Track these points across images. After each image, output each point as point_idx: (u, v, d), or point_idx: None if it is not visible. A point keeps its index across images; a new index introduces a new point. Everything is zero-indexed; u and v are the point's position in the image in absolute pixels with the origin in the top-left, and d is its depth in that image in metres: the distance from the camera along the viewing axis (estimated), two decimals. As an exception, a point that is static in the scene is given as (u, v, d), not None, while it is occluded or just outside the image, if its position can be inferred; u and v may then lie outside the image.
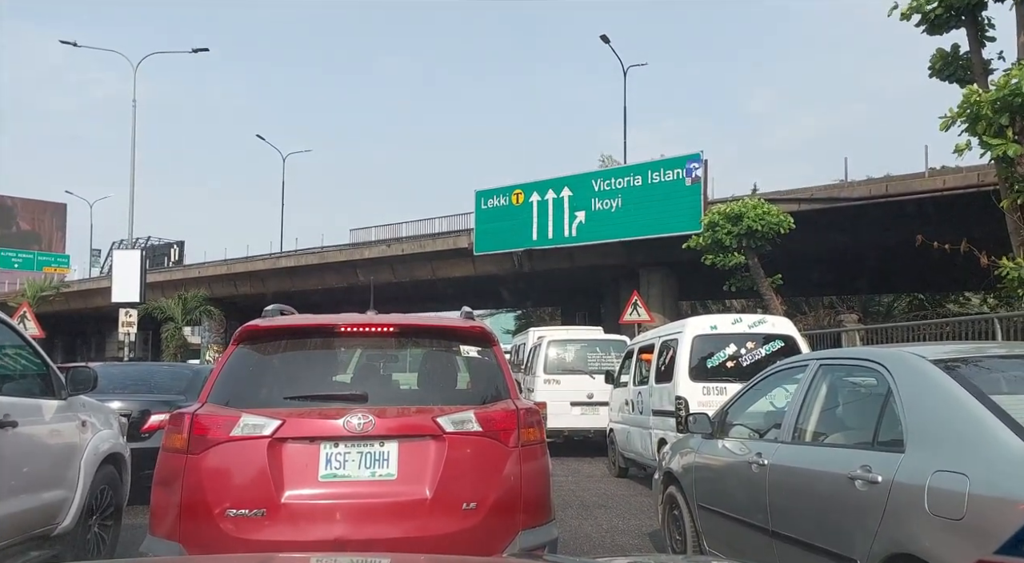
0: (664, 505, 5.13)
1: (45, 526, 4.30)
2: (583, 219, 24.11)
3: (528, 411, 3.60)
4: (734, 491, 4.17)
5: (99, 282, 38.41)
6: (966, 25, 11.45)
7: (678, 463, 4.95)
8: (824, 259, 22.92)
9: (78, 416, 4.72)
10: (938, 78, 11.93)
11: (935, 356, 3.16)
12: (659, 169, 22.79)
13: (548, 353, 12.39)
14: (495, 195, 26.49)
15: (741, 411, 4.51)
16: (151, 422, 6.90)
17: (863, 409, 3.60)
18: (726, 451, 4.35)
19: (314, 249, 34.06)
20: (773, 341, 8.13)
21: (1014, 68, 10.04)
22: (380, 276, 30.06)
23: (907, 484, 2.79)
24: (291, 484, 3.21)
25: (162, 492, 3.34)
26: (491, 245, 26.33)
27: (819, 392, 3.76)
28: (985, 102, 9.86)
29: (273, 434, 3.25)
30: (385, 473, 3.28)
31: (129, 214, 26.25)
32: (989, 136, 10.00)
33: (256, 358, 3.72)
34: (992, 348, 4.06)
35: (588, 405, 11.88)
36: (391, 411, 3.45)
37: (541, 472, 3.56)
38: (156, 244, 48.30)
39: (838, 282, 29.32)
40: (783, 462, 3.68)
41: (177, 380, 8.26)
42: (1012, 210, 10.53)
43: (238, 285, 35.53)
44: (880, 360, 3.34)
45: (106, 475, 4.97)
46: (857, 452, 3.21)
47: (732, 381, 7.58)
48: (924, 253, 11.48)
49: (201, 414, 3.36)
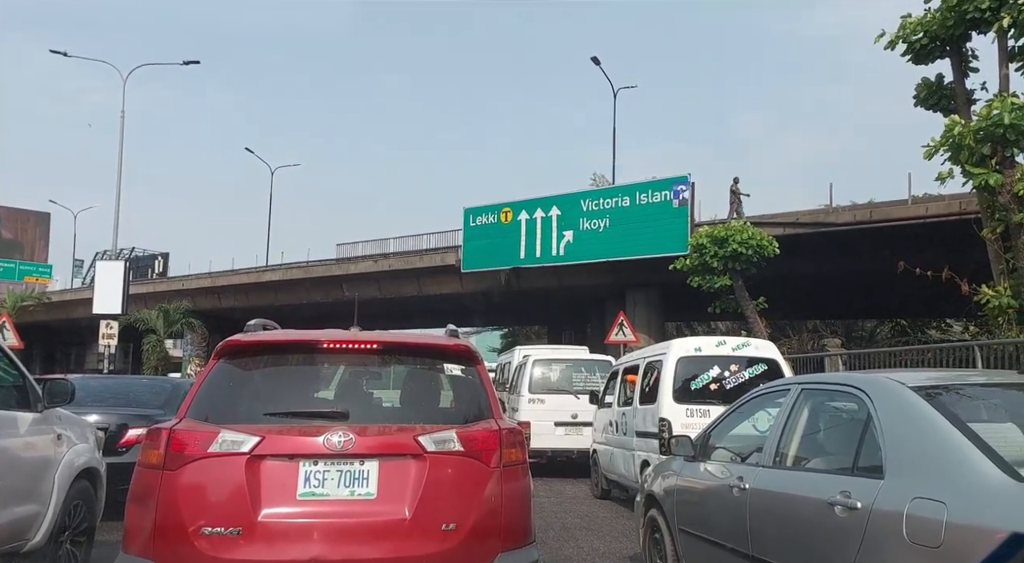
0: (645, 528, 5.10)
1: (15, 542, 4.21)
2: (571, 238, 24.20)
3: (510, 431, 3.57)
4: (715, 515, 4.15)
5: (81, 293, 38.02)
6: (950, 55, 11.67)
7: (660, 486, 4.93)
8: (808, 283, 23.09)
9: (53, 429, 4.65)
10: (923, 107, 12.14)
11: (915, 383, 3.18)
12: (647, 190, 22.95)
13: (533, 372, 12.35)
14: (483, 213, 26.56)
15: (723, 434, 4.51)
16: (128, 436, 6.80)
17: (844, 434, 3.60)
18: (708, 474, 4.34)
19: (300, 263, 33.92)
20: (756, 364, 8.16)
21: (996, 99, 10.23)
22: (366, 292, 29.95)
23: (886, 511, 2.79)
24: (268, 502, 3.17)
25: (136, 509, 3.28)
26: (479, 262, 26.35)
27: (800, 416, 3.76)
28: (967, 132, 10.03)
29: (251, 451, 3.21)
30: (364, 492, 3.25)
31: (114, 225, 26.12)
32: (971, 165, 10.16)
33: (237, 373, 3.68)
34: (972, 376, 4.09)
35: (572, 425, 11.84)
36: (372, 429, 3.42)
37: (522, 493, 3.53)
38: (140, 255, 47.90)
39: (822, 306, 29.56)
40: (764, 486, 3.67)
41: (156, 394, 8.15)
42: (993, 238, 10.67)
43: (222, 298, 35.28)
44: (860, 386, 3.36)
45: (80, 490, 4.89)
46: (837, 477, 3.21)
47: (715, 403, 7.58)
48: (907, 279, 11.59)
49: (179, 429, 3.31)
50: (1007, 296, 10.18)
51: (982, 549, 2.35)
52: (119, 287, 21.33)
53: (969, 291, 10.87)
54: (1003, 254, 10.59)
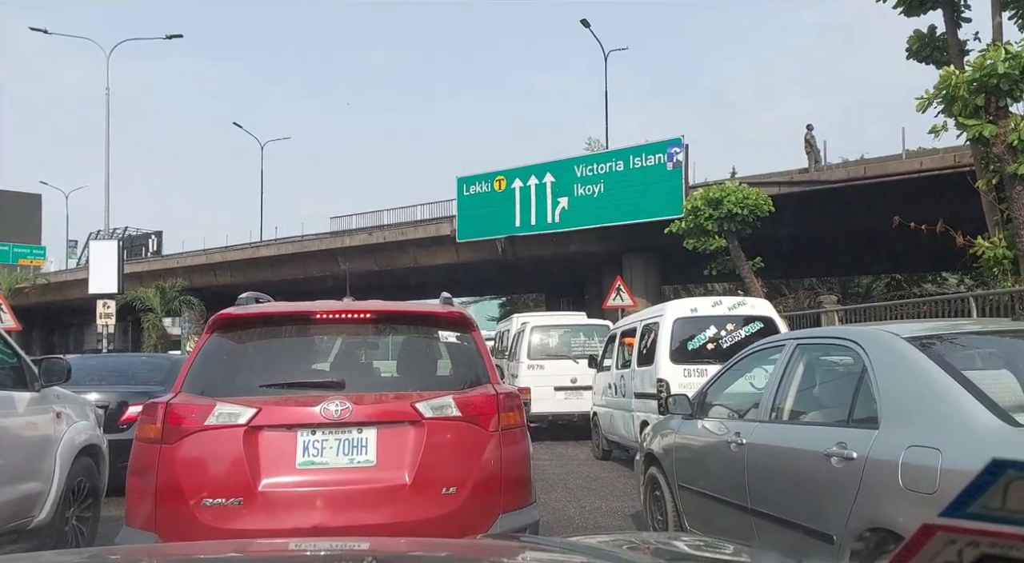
0: (646, 486, 5.15)
1: (20, 519, 4.25)
2: (566, 205, 24.06)
3: (508, 395, 3.59)
4: (713, 471, 4.19)
5: (76, 273, 37.88)
6: (942, 6, 11.52)
7: (659, 444, 4.97)
8: (803, 242, 23.07)
9: (52, 408, 4.66)
10: (915, 59, 12.01)
11: (909, 334, 3.18)
12: (640, 154, 22.76)
13: (531, 339, 12.39)
14: (477, 182, 26.35)
15: (720, 392, 4.53)
16: (129, 413, 6.84)
17: (839, 387, 3.62)
18: (705, 431, 4.37)
19: (294, 238, 33.76)
20: (752, 323, 8.18)
21: (990, 49, 10.12)
22: (362, 265, 29.88)
23: (881, 460, 2.81)
24: (268, 472, 3.19)
25: (137, 482, 3.30)
26: (474, 232, 26.22)
27: (796, 371, 3.77)
28: (961, 83, 9.93)
29: (249, 422, 3.21)
30: (364, 460, 3.26)
31: (105, 204, 25.92)
32: (965, 117, 10.08)
33: (231, 346, 3.67)
34: (966, 325, 4.10)
35: (572, 389, 11.91)
36: (369, 398, 3.43)
37: (521, 456, 3.55)
38: (134, 235, 47.57)
39: (817, 264, 29.58)
40: (761, 441, 3.70)
41: (155, 371, 8.18)
42: (987, 190, 10.64)
43: (218, 275, 35.19)
44: (855, 338, 3.36)
45: (83, 467, 4.91)
46: (833, 430, 3.23)
47: (712, 363, 7.61)
48: (902, 234, 11.59)
49: (175, 403, 3.31)
50: (1002, 247, 10.19)
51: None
52: (114, 266, 21.27)
53: (964, 243, 10.87)
54: (997, 205, 10.57)
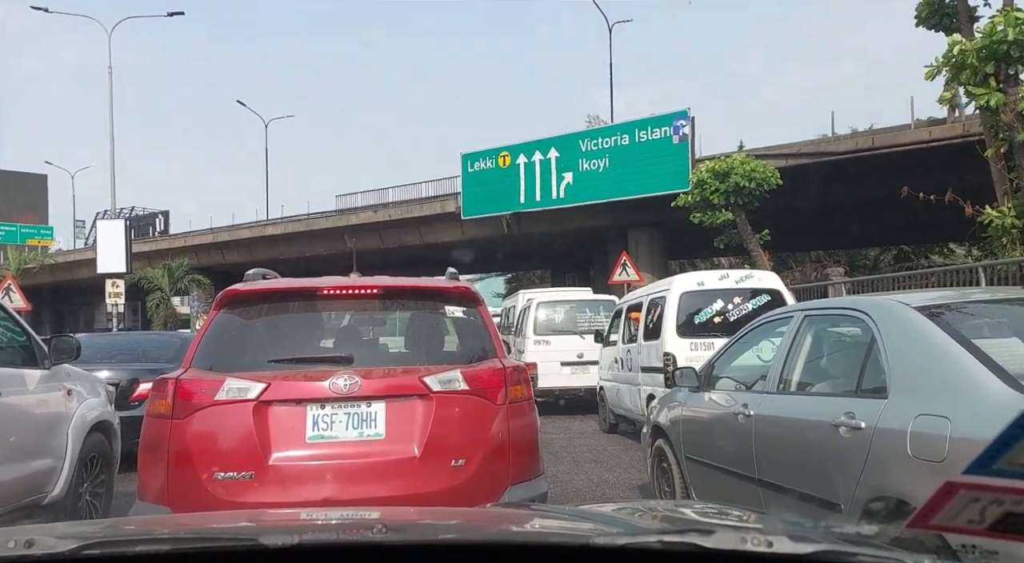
0: (653, 458, 5.18)
1: (35, 495, 4.30)
2: (571, 180, 23.92)
3: (515, 369, 3.60)
4: (721, 442, 4.20)
5: (84, 253, 37.98)
6: (952, -28, 11.30)
7: (666, 417, 4.99)
8: (811, 214, 22.92)
9: (63, 385, 4.70)
10: (924, 27, 11.80)
11: (918, 303, 3.17)
12: (646, 127, 22.55)
13: (537, 315, 12.41)
14: (481, 158, 26.22)
15: (727, 364, 4.53)
16: (140, 391, 6.90)
17: (847, 357, 3.61)
18: (712, 403, 4.38)
19: (300, 216, 33.76)
20: (760, 295, 8.15)
21: (999, 15, 9.94)
22: (368, 242, 29.88)
23: (890, 429, 2.81)
24: (278, 446, 3.21)
25: (148, 457, 3.33)
26: (479, 209, 26.14)
27: (804, 342, 3.77)
28: (970, 50, 9.78)
29: (258, 397, 3.23)
30: (373, 433, 3.29)
31: (111, 184, 25.94)
32: (974, 85, 9.94)
33: (239, 322, 3.68)
34: (975, 294, 4.07)
35: (578, 364, 11.94)
36: (377, 372, 3.45)
37: (529, 428, 3.58)
38: (141, 214, 47.57)
39: (825, 237, 29.40)
40: (769, 412, 3.71)
41: (165, 349, 8.23)
42: (996, 159, 10.52)
43: (225, 254, 35.25)
44: (864, 308, 3.35)
45: (95, 443, 4.97)
46: (841, 399, 3.23)
47: (719, 336, 7.59)
48: (910, 205, 11.50)
49: (185, 379, 3.33)
50: (1011, 216, 10.09)
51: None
52: (121, 246, 21.30)
53: (973, 213, 10.78)
54: (1007, 174, 10.46)
